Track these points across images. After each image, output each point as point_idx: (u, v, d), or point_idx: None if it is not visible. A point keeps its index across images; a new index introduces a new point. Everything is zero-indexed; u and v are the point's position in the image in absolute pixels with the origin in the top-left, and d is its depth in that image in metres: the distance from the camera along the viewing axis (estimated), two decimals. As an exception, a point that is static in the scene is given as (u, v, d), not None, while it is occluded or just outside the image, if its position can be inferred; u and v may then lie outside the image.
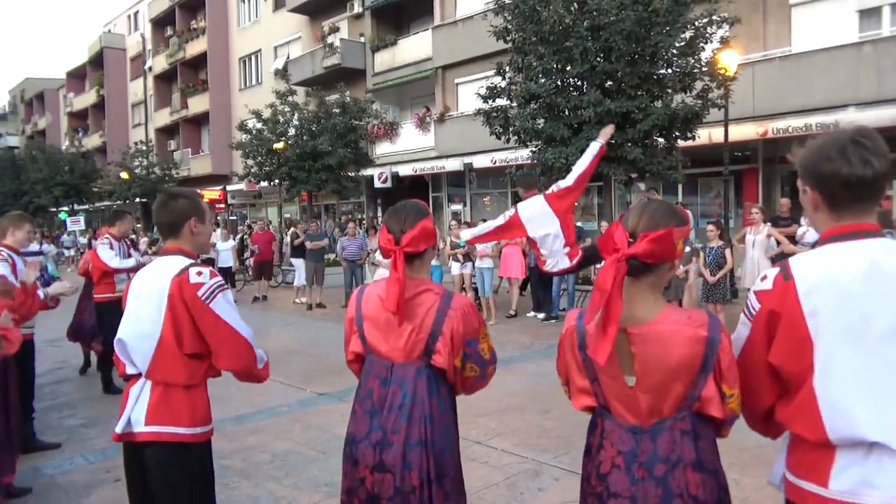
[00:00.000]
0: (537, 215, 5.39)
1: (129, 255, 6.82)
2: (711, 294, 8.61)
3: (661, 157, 11.08)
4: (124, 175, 30.15)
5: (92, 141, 42.89)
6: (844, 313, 1.51)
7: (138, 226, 31.40)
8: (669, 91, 10.96)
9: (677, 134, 11.43)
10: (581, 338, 1.79)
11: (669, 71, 11.08)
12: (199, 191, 24.26)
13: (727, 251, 8.62)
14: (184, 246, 2.49)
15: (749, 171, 15.44)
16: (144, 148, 31.59)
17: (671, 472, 1.66)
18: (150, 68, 36.64)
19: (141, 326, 2.37)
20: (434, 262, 11.70)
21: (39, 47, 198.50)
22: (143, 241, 20.34)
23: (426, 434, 2.04)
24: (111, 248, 6.55)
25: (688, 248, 8.89)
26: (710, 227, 8.92)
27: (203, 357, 2.39)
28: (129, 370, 2.43)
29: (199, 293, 2.32)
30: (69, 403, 6.54)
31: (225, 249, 14.43)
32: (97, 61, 42.41)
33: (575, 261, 5.43)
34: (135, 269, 6.59)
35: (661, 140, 11.45)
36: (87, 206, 39.03)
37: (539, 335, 9.76)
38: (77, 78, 46.68)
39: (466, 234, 6.70)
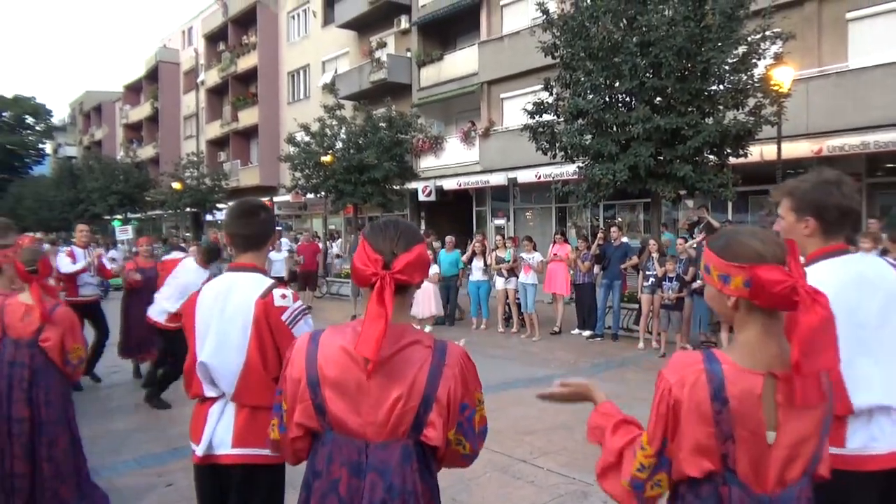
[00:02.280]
0: None
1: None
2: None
3: (711, 174, 10.87)
4: (176, 185, 31.02)
5: (146, 152, 44.31)
6: (845, 313, 1.77)
7: (187, 234, 32.25)
8: (721, 107, 10.77)
9: (729, 151, 11.20)
10: (718, 387, 1.45)
11: (721, 87, 10.88)
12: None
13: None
14: (258, 262, 2.46)
15: (802, 190, 14.99)
16: (196, 159, 32.48)
17: None
18: (203, 82, 37.74)
19: (226, 350, 2.31)
20: (482, 277, 11.74)
21: (99, 62, 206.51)
22: (192, 250, 20.85)
23: None
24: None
25: None
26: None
27: None
28: (209, 392, 2.36)
29: (284, 317, 2.28)
30: (122, 408, 6.72)
31: (278, 260, 14.76)
32: (153, 75, 43.92)
33: None
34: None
35: (711, 157, 11.25)
36: (139, 215, 40.28)
37: (584, 353, 9.65)
38: (133, 91, 48.38)
39: None
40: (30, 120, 61.08)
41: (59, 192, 42.43)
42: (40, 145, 62.54)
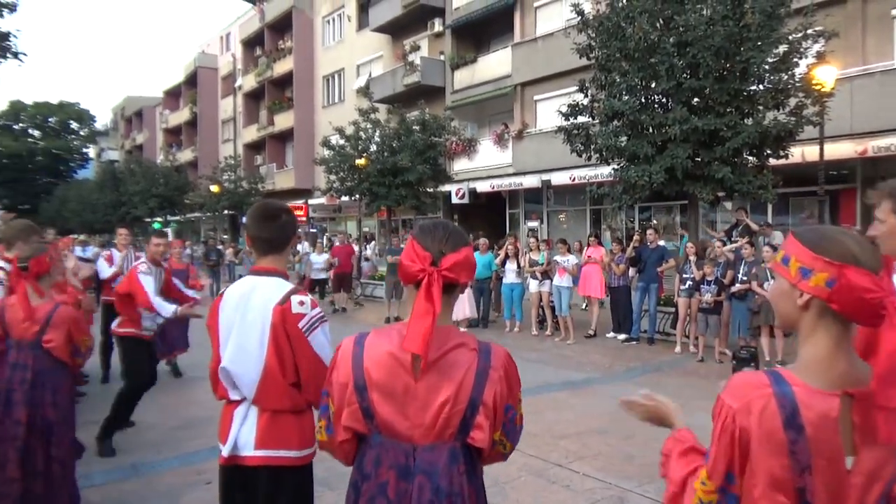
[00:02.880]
0: None
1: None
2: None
3: (750, 175, 10.65)
4: (214, 188, 31.62)
5: (185, 155, 45.28)
6: None
7: (225, 237, 32.83)
8: (761, 108, 10.55)
9: (769, 152, 10.97)
10: (791, 413, 1.29)
11: (761, 87, 10.66)
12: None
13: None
14: (279, 265, 2.45)
15: (846, 192, 14.62)
16: (233, 162, 33.07)
17: None
18: (240, 87, 38.41)
19: (246, 355, 2.33)
20: (516, 280, 11.71)
21: (140, 68, 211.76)
22: (229, 252, 21.29)
23: None
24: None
25: None
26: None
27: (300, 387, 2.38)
28: (233, 395, 2.39)
29: (301, 325, 2.28)
30: (163, 407, 6.86)
31: (319, 262, 15.00)
32: (191, 80, 44.87)
33: None
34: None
35: (751, 158, 11.03)
36: (179, 217, 41.16)
37: (620, 356, 9.55)
38: (173, 96, 49.49)
39: None
40: (74, 125, 63.01)
41: (102, 195, 43.63)
42: (84, 150, 64.44)
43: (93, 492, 4.38)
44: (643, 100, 11.16)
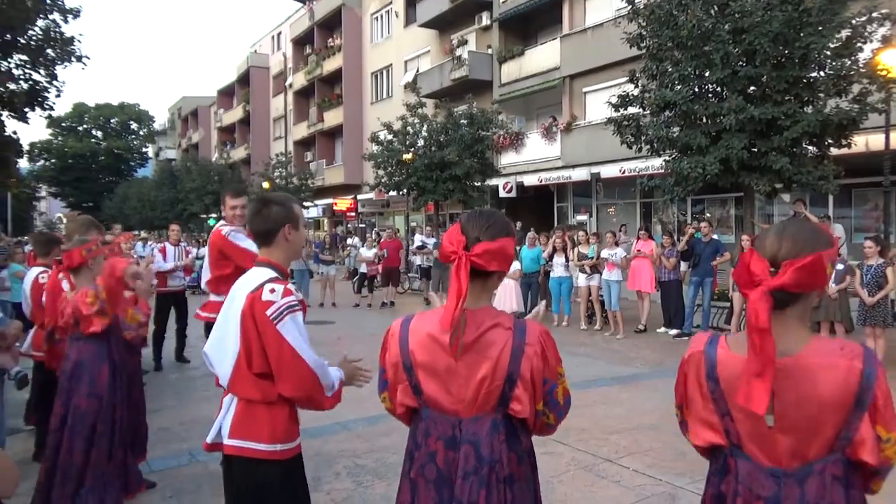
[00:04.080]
0: None
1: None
2: (870, 316, 7.85)
3: (810, 166, 10.26)
4: (266, 185, 32.26)
5: (238, 153, 46.35)
6: None
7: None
8: (822, 95, 10.14)
9: (830, 141, 10.54)
10: (710, 367, 1.61)
11: (822, 74, 10.25)
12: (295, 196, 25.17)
13: (888, 270, 7.82)
14: (274, 256, 2.40)
15: (914, 182, 13.92)
16: (284, 159, 33.68)
17: None
18: (291, 85, 39.06)
19: (222, 343, 2.35)
20: (564, 273, 11.59)
21: (195, 69, 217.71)
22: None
23: (506, 500, 1.72)
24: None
25: (841, 266, 8.17)
26: (869, 242, 8.13)
27: (273, 378, 2.25)
28: (222, 382, 2.40)
29: (268, 312, 2.19)
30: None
31: (368, 256, 15.21)
32: (244, 80, 45.87)
33: None
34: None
35: (811, 148, 10.62)
36: (232, 214, 42.15)
37: (671, 352, 9.35)
38: (226, 95, 50.70)
39: None
40: (134, 125, 65.26)
41: (160, 192, 45.08)
42: (143, 149, 66.70)
43: (151, 477, 4.53)
44: (696, 89, 10.88)
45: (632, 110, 11.78)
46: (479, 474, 1.69)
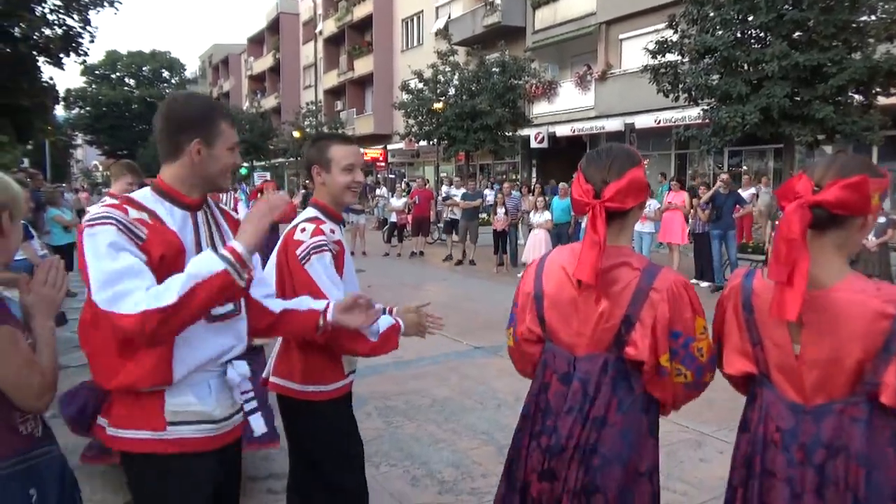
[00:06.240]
0: None
1: None
2: (909, 271, 7.66)
3: (855, 115, 9.90)
4: (297, 134, 32.29)
5: (268, 102, 46.31)
6: None
7: (308, 181, 33.64)
8: (871, 41, 9.70)
9: (878, 90, 10.14)
10: (746, 297, 1.66)
11: (873, 18, 9.79)
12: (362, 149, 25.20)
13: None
14: (319, 196, 2.38)
15: (964, 134, 13.37)
16: (314, 108, 33.57)
17: (831, 460, 1.49)
18: (321, 32, 38.62)
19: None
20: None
21: (226, 16, 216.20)
22: (298, 197, 21.80)
23: (600, 440, 1.68)
24: None
25: (883, 219, 7.95)
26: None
27: None
28: None
29: (298, 251, 2.19)
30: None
31: (398, 206, 15.27)
32: (274, 27, 45.48)
33: None
34: None
35: (857, 97, 10.22)
36: (264, 163, 42.45)
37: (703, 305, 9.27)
38: (256, 43, 50.41)
39: None
40: (166, 74, 65.40)
41: (192, 142, 45.42)
42: (176, 97, 66.95)
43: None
44: (738, 34, 10.50)
45: (670, 57, 11.43)
46: (582, 411, 1.70)
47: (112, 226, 1.61)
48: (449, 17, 27.07)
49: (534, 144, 22.26)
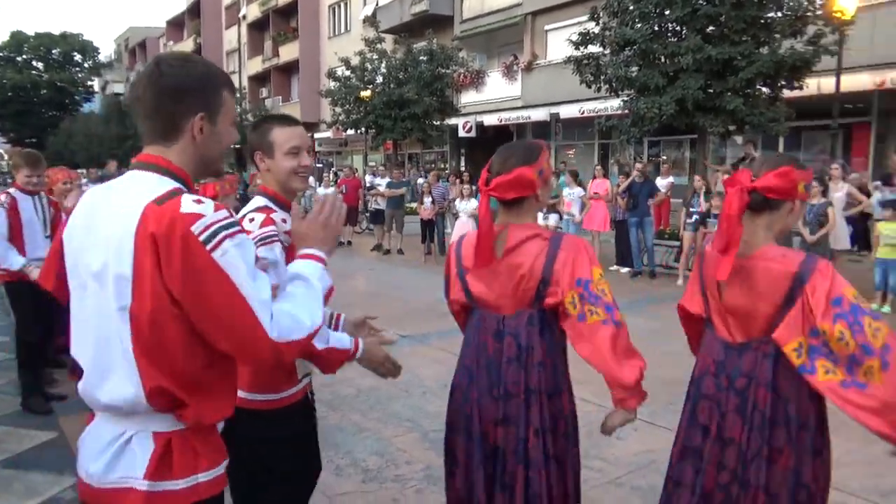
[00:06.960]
0: None
1: None
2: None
3: (763, 107, 10.42)
4: (219, 121, 31.30)
5: (189, 88, 44.63)
6: None
7: (230, 170, 32.69)
8: (778, 36, 10.22)
9: (783, 83, 10.70)
10: (702, 257, 2.11)
11: (779, 14, 10.31)
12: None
13: (829, 209, 8.09)
14: (269, 185, 2.14)
15: (860, 125, 14.30)
16: (238, 96, 32.61)
17: (749, 387, 1.91)
18: (244, 16, 37.45)
19: None
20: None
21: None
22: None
23: (541, 382, 2.02)
24: None
25: (815, 202, 8.37)
26: (813, 182, 8.36)
27: None
28: None
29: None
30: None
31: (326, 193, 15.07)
32: (195, 10, 43.81)
33: None
34: None
35: (764, 89, 10.76)
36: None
37: (621, 290, 9.52)
38: (176, 26, 48.46)
39: None
40: (78, 57, 61.82)
41: (107, 128, 43.33)
42: (89, 83, 63.48)
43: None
44: (656, 28, 10.85)
45: (592, 49, 11.70)
46: (519, 360, 2.02)
47: None
48: (377, 5, 26.77)
49: (462, 134, 22.37)
